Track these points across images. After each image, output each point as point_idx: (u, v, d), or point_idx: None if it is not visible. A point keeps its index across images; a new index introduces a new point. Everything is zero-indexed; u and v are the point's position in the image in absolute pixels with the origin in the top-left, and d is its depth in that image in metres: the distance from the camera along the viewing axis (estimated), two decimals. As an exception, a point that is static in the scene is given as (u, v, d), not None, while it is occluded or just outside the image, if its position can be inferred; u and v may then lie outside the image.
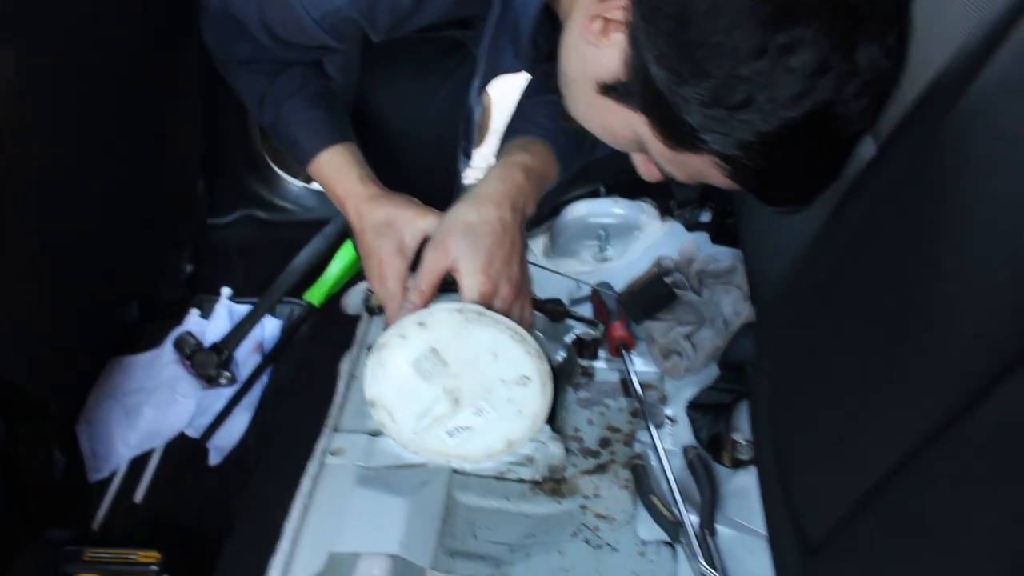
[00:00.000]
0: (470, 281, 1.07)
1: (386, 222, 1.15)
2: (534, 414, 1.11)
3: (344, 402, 1.25)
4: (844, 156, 0.83)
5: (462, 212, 1.10)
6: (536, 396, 1.10)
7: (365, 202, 1.17)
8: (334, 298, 1.50)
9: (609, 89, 0.88)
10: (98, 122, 1.27)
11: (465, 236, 1.07)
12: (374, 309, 1.40)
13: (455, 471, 1.18)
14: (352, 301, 1.46)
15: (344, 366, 1.30)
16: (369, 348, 1.29)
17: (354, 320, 1.40)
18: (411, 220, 1.14)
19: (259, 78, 1.23)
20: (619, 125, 0.91)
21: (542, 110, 1.21)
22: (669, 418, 1.28)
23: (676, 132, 0.82)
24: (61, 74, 1.14)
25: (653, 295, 1.36)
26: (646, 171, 0.98)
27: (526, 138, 1.21)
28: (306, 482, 1.13)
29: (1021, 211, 0.61)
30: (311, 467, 1.15)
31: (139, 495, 1.52)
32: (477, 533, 1.12)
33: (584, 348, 1.36)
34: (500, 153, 1.21)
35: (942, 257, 0.69)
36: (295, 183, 1.87)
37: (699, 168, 0.85)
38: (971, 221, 0.67)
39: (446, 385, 1.09)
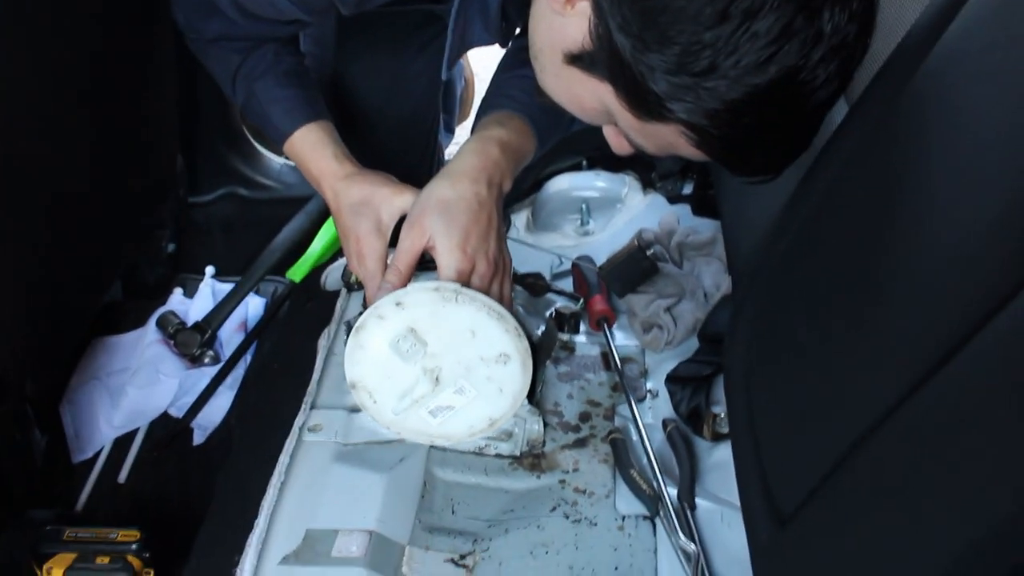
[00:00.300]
0: (447, 259, 1.05)
1: (363, 201, 1.13)
2: (515, 392, 1.10)
3: (322, 378, 1.25)
4: (813, 125, 0.82)
5: (437, 189, 1.08)
6: (516, 374, 1.09)
7: (341, 181, 1.16)
8: (313, 274, 1.49)
9: (575, 59, 0.87)
10: (69, 98, 1.25)
11: (441, 213, 1.06)
12: (353, 285, 1.39)
13: (433, 446, 1.18)
14: (331, 278, 1.45)
15: (322, 342, 1.30)
16: (348, 324, 1.28)
17: (333, 296, 1.39)
18: (388, 198, 1.13)
19: (230, 56, 1.21)
20: (587, 96, 0.89)
21: (517, 84, 1.20)
22: (650, 392, 1.28)
23: (643, 101, 0.81)
24: (29, 47, 1.12)
25: (634, 268, 1.35)
26: (616, 144, 0.97)
27: (502, 112, 1.19)
28: (283, 459, 1.12)
29: (986, 169, 0.61)
30: (288, 444, 1.14)
31: (122, 475, 1.52)
32: (456, 509, 1.12)
33: (564, 322, 1.35)
34: (475, 128, 1.20)
35: (909, 219, 0.68)
36: (276, 160, 1.85)
37: (667, 139, 0.84)
38: (935, 184, 0.66)
39: (426, 365, 1.08)
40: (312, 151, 1.19)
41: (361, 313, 1.09)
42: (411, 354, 1.06)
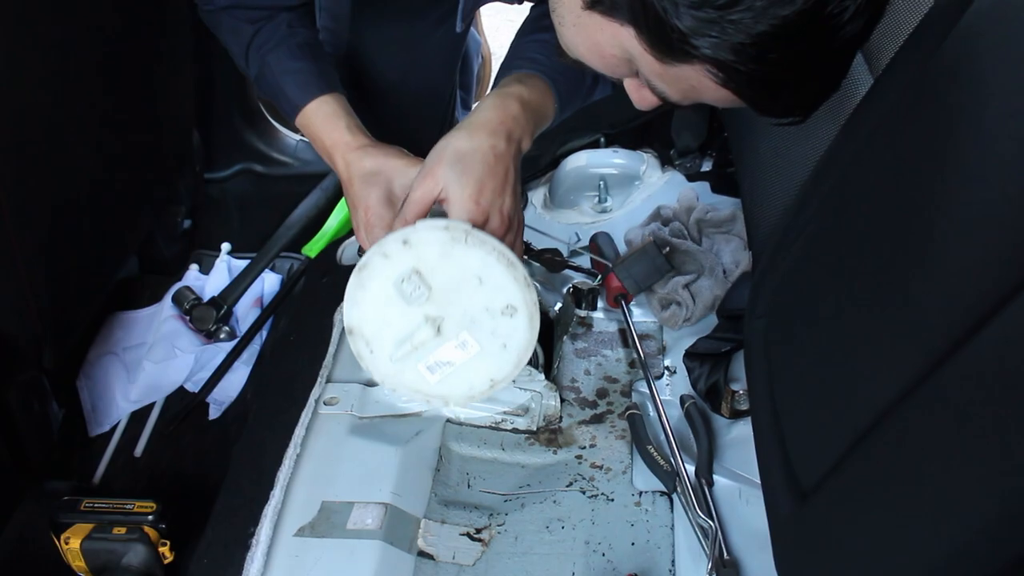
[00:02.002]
0: (458, 209, 1.01)
1: (374, 171, 1.11)
2: (519, 349, 1.01)
3: (338, 352, 1.24)
4: (842, 62, 0.79)
5: (453, 139, 1.04)
6: (523, 329, 1.00)
7: (353, 151, 1.14)
8: (329, 249, 1.49)
9: (595, 3, 0.85)
10: (85, 72, 1.25)
11: (455, 163, 1.02)
12: (369, 261, 1.38)
13: (449, 420, 1.17)
14: (347, 253, 1.44)
15: (338, 317, 1.29)
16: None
17: (349, 271, 1.38)
18: (400, 169, 1.11)
19: (243, 27, 1.20)
20: (607, 42, 0.87)
21: (537, 47, 1.18)
22: (668, 368, 1.27)
23: (666, 40, 0.79)
24: (44, 22, 1.11)
25: (649, 266, 1.32)
26: (638, 97, 0.94)
27: (522, 72, 1.17)
28: (299, 431, 1.12)
29: (1015, 137, 0.59)
30: (304, 416, 1.14)
31: (139, 449, 1.52)
32: (471, 483, 1.12)
33: (582, 298, 1.34)
34: (495, 86, 1.18)
35: (938, 192, 0.67)
36: (292, 136, 1.85)
37: (691, 81, 0.82)
38: (964, 156, 0.64)
39: (428, 312, 1.00)
40: (325, 122, 1.17)
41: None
42: (414, 297, 0.99)
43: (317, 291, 1.36)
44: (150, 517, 1.15)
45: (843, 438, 0.69)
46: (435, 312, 1.00)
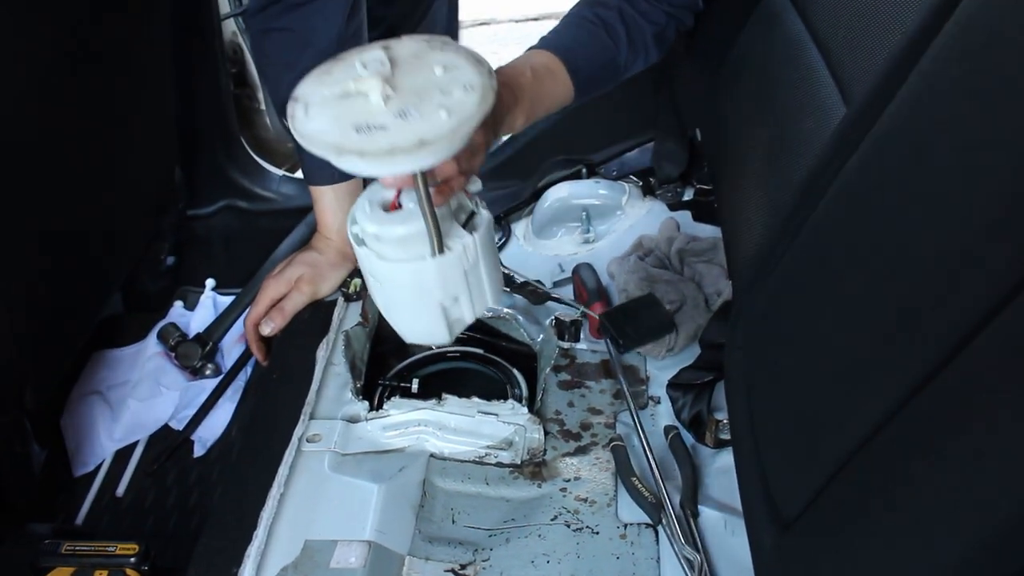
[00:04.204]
0: None
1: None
2: (462, 117, 0.87)
3: (321, 388, 1.24)
4: None
5: None
6: (472, 103, 0.87)
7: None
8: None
9: None
10: (65, 112, 1.25)
11: None
12: (351, 295, 1.38)
13: (433, 456, 1.17)
14: (330, 288, 1.45)
15: (321, 352, 1.29)
16: (344, 333, 1.28)
17: (330, 306, 1.39)
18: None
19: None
20: None
21: (573, 26, 1.17)
22: (652, 399, 1.27)
23: None
24: (21, 60, 1.12)
25: (653, 323, 1.29)
26: None
27: (546, 51, 1.14)
28: (282, 470, 1.12)
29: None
30: (288, 455, 1.13)
31: (121, 489, 1.51)
32: (456, 518, 1.11)
33: (564, 330, 1.34)
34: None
35: (921, 219, 0.67)
36: (276, 171, 1.85)
37: None
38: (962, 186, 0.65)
39: (380, 83, 0.88)
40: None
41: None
42: (371, 67, 0.89)
43: (299, 327, 1.36)
44: (132, 559, 1.14)
45: (822, 469, 0.69)
46: (387, 85, 0.89)
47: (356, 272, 1.42)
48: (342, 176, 1.33)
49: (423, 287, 0.97)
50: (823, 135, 0.95)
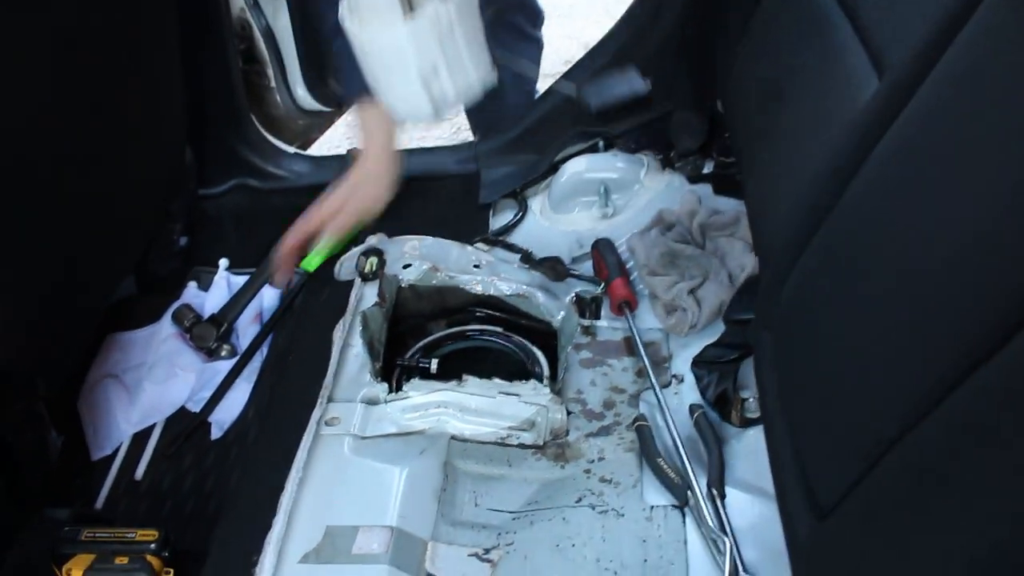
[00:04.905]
0: None
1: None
2: None
3: (338, 371, 1.22)
4: None
5: None
6: None
7: None
8: (326, 265, 1.47)
9: None
10: (73, 94, 1.22)
11: None
12: (367, 275, 1.36)
13: (454, 437, 1.15)
14: (345, 267, 1.42)
15: (338, 333, 1.27)
16: (362, 314, 1.25)
17: (347, 286, 1.36)
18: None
19: None
20: None
21: None
22: (675, 377, 1.24)
23: None
24: (30, 42, 1.09)
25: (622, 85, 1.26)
26: None
27: None
28: (301, 455, 1.10)
29: None
30: (306, 439, 1.12)
31: (139, 472, 1.49)
32: (479, 501, 1.09)
33: (585, 307, 1.31)
34: None
35: (974, 186, 0.64)
36: (287, 149, 1.82)
37: None
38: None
39: None
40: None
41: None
42: None
43: (315, 308, 1.34)
44: (152, 545, 1.12)
45: (863, 455, 0.66)
46: None
47: (372, 251, 1.40)
48: None
49: (400, 54, 0.98)
50: (855, 107, 0.92)
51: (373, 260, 1.37)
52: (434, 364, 1.26)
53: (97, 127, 1.33)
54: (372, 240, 1.44)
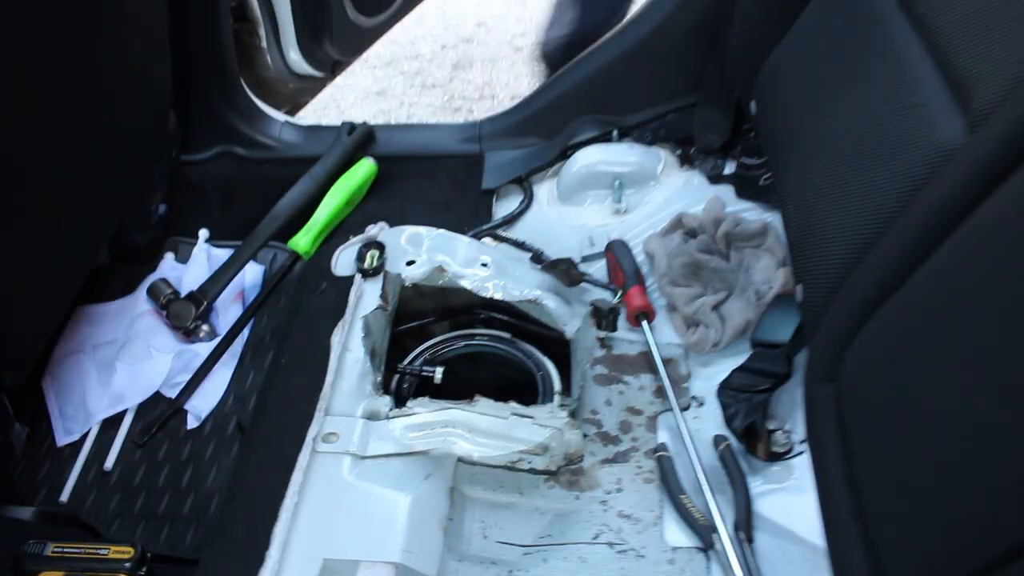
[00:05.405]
0: None
1: None
2: None
3: (336, 380, 1.12)
4: None
5: None
6: None
7: None
8: (321, 257, 1.36)
9: None
10: (50, 49, 1.10)
11: None
12: (368, 271, 1.26)
13: (460, 460, 1.06)
14: (342, 261, 1.32)
15: (336, 337, 1.17)
16: (364, 320, 1.15)
17: (345, 283, 1.26)
18: None
19: None
20: None
21: None
22: (695, 399, 1.17)
23: None
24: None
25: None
26: None
27: None
28: (297, 475, 1.01)
29: None
30: (301, 459, 1.02)
31: (109, 462, 1.39)
32: (487, 533, 1.02)
33: (602, 319, 1.23)
34: None
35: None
36: (277, 117, 1.70)
37: None
38: None
39: None
40: None
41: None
42: None
43: (310, 306, 1.24)
44: (127, 564, 1.03)
45: (977, 556, 0.58)
46: None
47: (373, 244, 1.29)
48: None
49: None
50: (927, 138, 0.83)
51: (374, 254, 1.27)
52: (438, 373, 1.17)
53: (75, 87, 1.20)
54: (373, 230, 1.34)
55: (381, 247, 1.28)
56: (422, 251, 1.30)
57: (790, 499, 1.02)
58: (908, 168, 0.84)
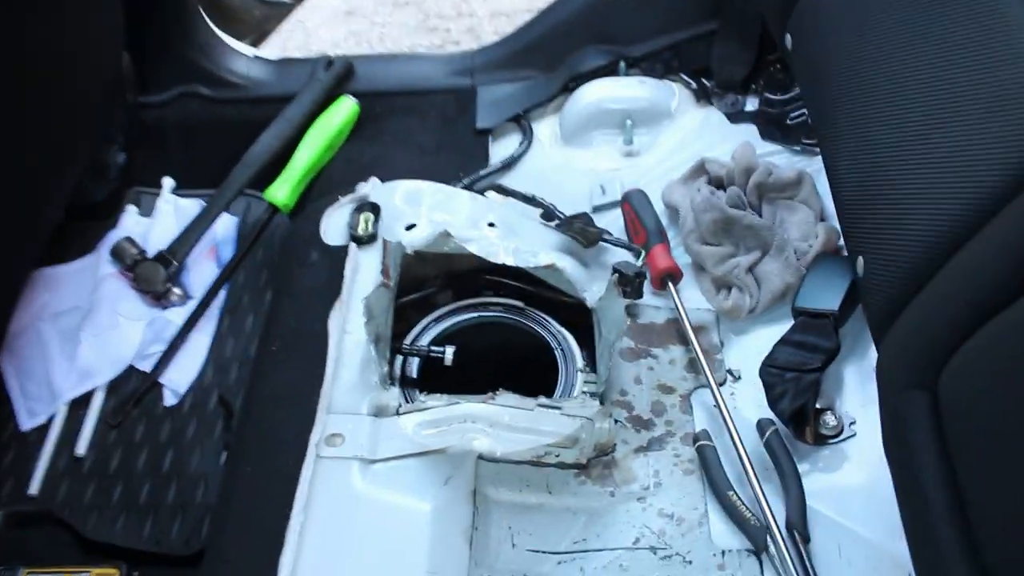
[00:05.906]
0: None
1: None
2: None
3: (338, 370, 1.00)
4: None
5: None
6: None
7: None
8: (308, 213, 1.22)
9: None
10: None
11: None
12: (362, 238, 1.12)
13: (482, 457, 0.95)
14: (331, 225, 1.17)
15: (334, 320, 1.04)
16: (364, 302, 1.01)
17: (338, 253, 1.12)
18: None
19: None
20: None
21: None
22: (731, 373, 1.07)
23: None
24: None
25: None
26: None
27: None
28: (302, 488, 0.89)
29: None
30: (305, 468, 0.91)
31: (81, 447, 1.27)
32: (516, 540, 0.91)
33: (628, 284, 1.10)
34: None
35: None
36: (244, 50, 1.53)
37: None
38: None
39: None
40: None
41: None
42: None
43: (300, 282, 1.10)
44: (113, 587, 0.93)
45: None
46: None
47: (367, 206, 1.15)
48: None
49: None
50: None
51: (369, 217, 1.13)
52: (449, 354, 1.05)
53: (15, 24, 1.04)
54: (364, 188, 1.20)
55: (376, 209, 1.14)
56: (421, 210, 1.16)
57: (843, 490, 0.94)
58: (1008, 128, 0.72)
